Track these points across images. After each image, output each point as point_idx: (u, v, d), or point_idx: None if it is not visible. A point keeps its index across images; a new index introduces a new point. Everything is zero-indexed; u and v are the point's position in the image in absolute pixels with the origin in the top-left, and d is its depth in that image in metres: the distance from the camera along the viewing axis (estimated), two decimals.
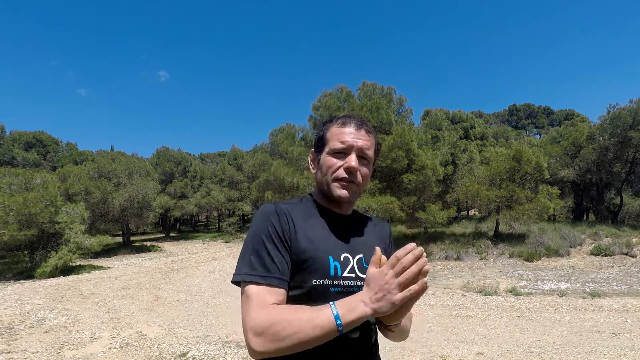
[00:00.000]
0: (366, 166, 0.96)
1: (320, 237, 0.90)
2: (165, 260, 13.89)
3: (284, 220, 0.88)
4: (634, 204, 17.77)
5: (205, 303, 7.09)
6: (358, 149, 0.93)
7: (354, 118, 0.98)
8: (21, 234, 10.40)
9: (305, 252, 0.86)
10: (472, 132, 24.48)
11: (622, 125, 14.52)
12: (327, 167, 0.94)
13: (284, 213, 0.89)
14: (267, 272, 0.81)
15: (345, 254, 0.90)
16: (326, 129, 0.99)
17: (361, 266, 0.91)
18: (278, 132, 24.41)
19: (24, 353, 4.40)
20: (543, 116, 74.98)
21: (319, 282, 0.85)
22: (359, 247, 0.94)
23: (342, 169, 0.92)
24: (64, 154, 35.69)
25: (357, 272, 0.90)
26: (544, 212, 11.35)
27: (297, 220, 0.90)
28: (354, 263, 0.90)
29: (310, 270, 0.85)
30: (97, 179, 16.50)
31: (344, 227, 0.97)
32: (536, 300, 6.46)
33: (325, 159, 0.95)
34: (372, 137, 0.98)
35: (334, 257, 0.88)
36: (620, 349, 4.04)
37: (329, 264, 0.87)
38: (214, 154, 46.77)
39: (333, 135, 0.96)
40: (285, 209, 0.90)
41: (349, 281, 0.88)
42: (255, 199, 21.61)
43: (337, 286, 0.86)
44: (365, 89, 13.25)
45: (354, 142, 0.93)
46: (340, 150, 0.93)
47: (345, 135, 0.94)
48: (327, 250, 0.88)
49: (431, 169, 11.49)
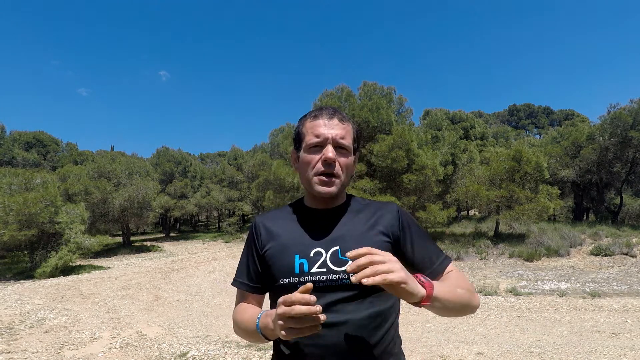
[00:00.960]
0: (345, 155, 0.94)
1: (289, 238, 0.95)
2: (165, 260, 13.89)
3: (258, 231, 1.01)
4: (634, 204, 17.77)
5: (205, 303, 7.09)
6: (333, 139, 0.92)
7: (325, 109, 0.97)
8: (21, 234, 10.39)
9: (271, 256, 0.95)
10: (472, 132, 24.49)
11: (623, 125, 14.52)
12: (306, 164, 0.94)
13: (259, 225, 1.02)
14: (241, 277, 1.03)
15: (317, 249, 0.91)
16: (301, 124, 0.99)
17: (336, 259, 0.89)
18: (278, 132, 24.40)
19: (24, 353, 4.40)
20: (543, 116, 75.00)
21: (285, 280, 0.90)
22: (338, 239, 0.93)
23: (320, 163, 0.92)
24: (64, 154, 35.67)
25: (330, 265, 0.89)
26: (544, 212, 11.35)
27: (271, 228, 1.00)
28: (326, 257, 0.90)
29: (277, 271, 0.93)
30: (97, 179, 16.49)
31: (325, 221, 0.97)
32: (536, 300, 6.46)
33: (303, 157, 0.96)
34: (347, 124, 0.96)
35: (302, 254, 0.91)
36: (620, 349, 4.04)
37: (294, 262, 0.90)
38: (214, 154, 46.77)
39: (307, 130, 0.95)
40: (261, 221, 1.03)
41: (320, 276, 0.88)
42: (255, 199, 21.62)
43: (304, 283, 0.86)
44: (366, 89, 13.25)
45: (328, 133, 0.92)
46: (316, 144, 0.93)
47: (319, 128, 0.93)
48: (295, 248, 0.92)
49: (431, 169, 11.50)
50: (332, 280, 0.87)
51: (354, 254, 0.72)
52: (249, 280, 1.01)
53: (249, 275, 1.01)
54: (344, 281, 0.87)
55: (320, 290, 0.86)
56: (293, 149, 1.03)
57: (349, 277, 0.86)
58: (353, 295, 0.88)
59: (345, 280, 0.87)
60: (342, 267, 0.88)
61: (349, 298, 0.87)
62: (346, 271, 0.70)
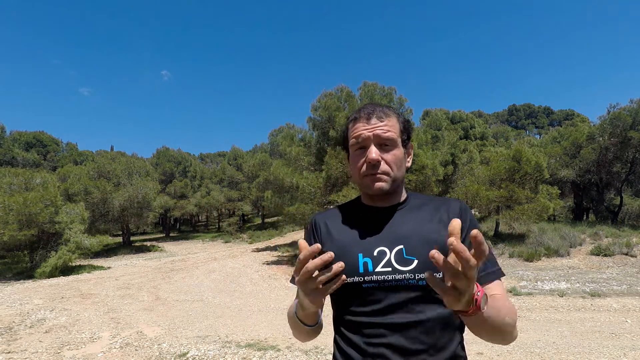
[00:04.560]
0: (391, 151, 0.92)
1: (351, 236, 0.93)
2: (165, 260, 13.89)
3: (317, 230, 1.00)
4: (634, 204, 17.76)
5: (205, 303, 7.09)
6: (375, 138, 0.91)
7: (364, 109, 0.96)
8: (21, 234, 10.40)
9: (335, 254, 0.88)
10: (472, 132, 24.50)
11: (622, 126, 14.51)
12: (354, 167, 0.96)
13: (318, 223, 1.01)
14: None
15: (380, 248, 0.89)
16: (346, 128, 1.00)
17: (400, 258, 0.87)
18: (278, 132, 24.33)
19: (24, 353, 4.40)
20: (543, 116, 75.03)
21: (349, 280, 0.86)
22: (402, 238, 0.90)
23: (365, 165, 0.92)
24: (64, 154, 35.69)
25: (395, 264, 0.86)
26: (543, 212, 11.34)
27: (331, 227, 0.98)
28: (390, 256, 0.87)
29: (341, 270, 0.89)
30: (97, 179, 16.50)
31: (386, 219, 0.95)
32: (536, 300, 6.46)
33: (351, 159, 0.98)
34: (389, 119, 0.93)
35: (365, 253, 0.88)
36: (620, 349, 4.04)
37: (358, 261, 0.87)
38: (214, 154, 46.80)
39: (350, 134, 0.96)
40: (321, 219, 1.02)
41: (385, 275, 0.85)
42: (255, 199, 21.63)
43: (370, 282, 0.86)
44: (366, 89, 13.23)
45: (368, 134, 0.92)
46: (359, 146, 0.94)
47: (359, 130, 0.93)
48: (358, 247, 0.90)
49: (431, 169, 11.49)
50: (397, 280, 0.85)
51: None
52: None
53: None
54: (410, 281, 0.85)
55: (385, 290, 0.85)
56: (344, 151, 1.04)
57: (415, 277, 0.84)
58: (419, 296, 0.85)
59: (411, 281, 0.85)
60: (408, 267, 0.85)
61: (416, 299, 0.84)
62: (432, 256, 0.59)
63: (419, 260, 0.85)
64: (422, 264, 0.85)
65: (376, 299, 0.85)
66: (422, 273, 0.84)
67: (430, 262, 0.70)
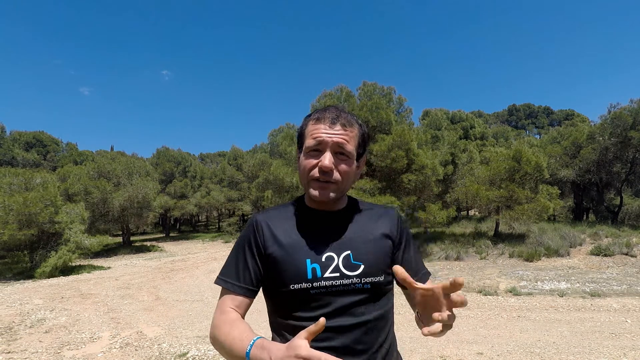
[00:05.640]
0: (346, 162, 0.90)
1: (298, 241, 0.90)
2: (165, 260, 13.89)
3: (260, 231, 0.93)
4: (634, 204, 17.76)
5: (205, 303, 7.09)
6: (333, 145, 0.88)
7: (329, 111, 0.92)
8: (21, 234, 10.40)
9: (279, 259, 0.89)
10: (472, 132, 24.49)
11: (623, 125, 14.51)
12: (304, 168, 0.91)
13: (261, 224, 0.94)
14: (234, 279, 0.92)
15: (328, 254, 0.89)
16: (304, 125, 0.95)
17: (348, 263, 0.88)
18: (277, 132, 24.37)
19: (24, 353, 4.40)
20: (543, 116, 75.07)
21: (296, 286, 0.86)
22: (348, 243, 0.91)
23: (316, 169, 0.89)
24: (64, 154, 35.69)
25: (343, 270, 0.87)
26: (543, 212, 11.35)
27: (275, 229, 0.93)
28: (338, 262, 0.88)
29: (288, 276, 0.87)
30: (97, 179, 16.49)
31: (332, 224, 0.94)
32: (536, 300, 6.46)
33: (302, 159, 0.93)
34: (351, 129, 0.91)
35: (313, 259, 0.88)
36: (620, 349, 4.04)
37: (306, 267, 0.87)
38: (214, 154, 46.79)
39: (308, 132, 0.92)
40: (263, 220, 0.95)
41: (333, 281, 0.86)
42: (255, 199, 21.60)
43: (317, 288, 0.86)
44: (366, 89, 13.24)
45: (328, 138, 0.88)
46: (315, 148, 0.89)
47: (319, 132, 0.89)
48: (305, 253, 0.88)
49: (431, 168, 11.50)
50: (345, 285, 0.87)
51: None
52: (247, 283, 0.91)
53: (247, 278, 0.91)
54: (357, 285, 0.87)
55: (332, 294, 0.86)
56: (297, 148, 1.00)
57: (361, 281, 0.88)
58: (364, 299, 0.88)
59: (357, 285, 0.87)
60: (355, 272, 0.88)
61: (361, 301, 0.87)
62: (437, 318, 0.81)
63: (365, 265, 0.89)
64: (368, 268, 0.89)
65: (324, 303, 0.86)
66: (368, 277, 0.88)
67: (375, 267, 0.90)
